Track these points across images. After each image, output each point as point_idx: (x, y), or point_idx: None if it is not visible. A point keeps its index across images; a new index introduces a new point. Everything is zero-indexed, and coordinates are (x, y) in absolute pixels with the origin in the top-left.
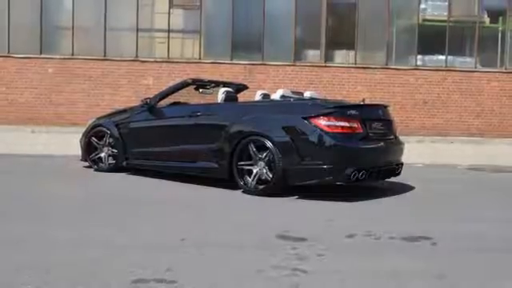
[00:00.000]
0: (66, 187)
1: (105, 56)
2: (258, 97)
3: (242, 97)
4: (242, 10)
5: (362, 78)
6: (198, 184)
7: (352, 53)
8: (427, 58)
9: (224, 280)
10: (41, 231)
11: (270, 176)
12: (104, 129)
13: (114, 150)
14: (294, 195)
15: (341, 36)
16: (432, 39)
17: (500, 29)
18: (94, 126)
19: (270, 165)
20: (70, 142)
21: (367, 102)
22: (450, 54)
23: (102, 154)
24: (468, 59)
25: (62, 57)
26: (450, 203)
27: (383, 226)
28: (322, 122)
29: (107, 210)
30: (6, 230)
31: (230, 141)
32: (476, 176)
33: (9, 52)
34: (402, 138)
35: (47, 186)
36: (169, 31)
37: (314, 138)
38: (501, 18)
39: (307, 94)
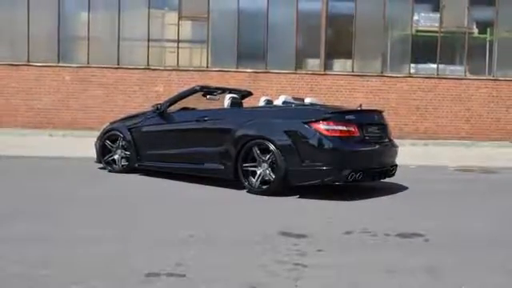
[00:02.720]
0: (82, 187)
1: (118, 64)
2: (261, 103)
3: (247, 103)
4: (246, 21)
5: (358, 85)
6: (205, 184)
7: (349, 61)
8: (420, 66)
9: (229, 274)
10: (58, 229)
11: (273, 177)
12: (117, 132)
13: (126, 153)
14: (295, 195)
15: (339, 46)
16: (424, 49)
17: (488, 39)
18: (108, 130)
19: (272, 166)
20: (85, 145)
21: (364, 107)
22: (441, 62)
23: (116, 156)
24: (458, 67)
25: (78, 65)
26: (442, 202)
27: (379, 224)
28: (322, 127)
29: (120, 208)
30: (27, 228)
31: (236, 144)
32: (466, 176)
33: (28, 60)
34: (396, 141)
35: (64, 187)
36: (178, 41)
37: (314, 142)
38: (489, 29)
39: (307, 100)
